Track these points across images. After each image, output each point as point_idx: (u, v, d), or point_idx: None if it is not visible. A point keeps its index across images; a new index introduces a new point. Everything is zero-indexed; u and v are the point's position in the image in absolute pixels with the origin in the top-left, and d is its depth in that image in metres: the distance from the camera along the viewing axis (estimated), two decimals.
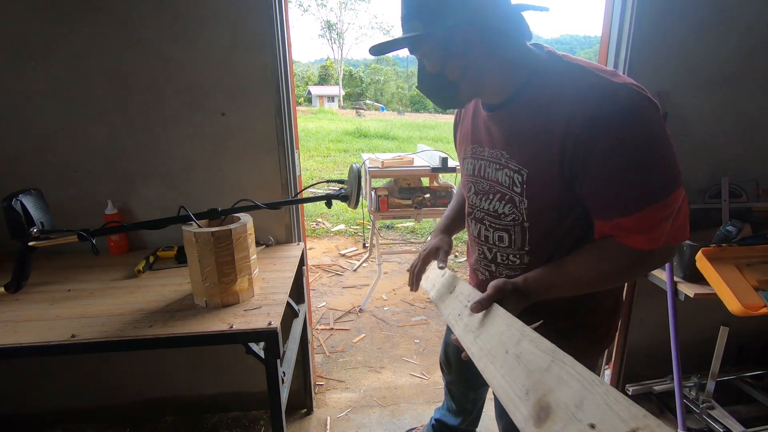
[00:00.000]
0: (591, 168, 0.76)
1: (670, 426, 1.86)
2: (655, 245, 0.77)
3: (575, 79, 0.79)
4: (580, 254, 0.84)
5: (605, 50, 1.83)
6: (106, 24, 1.55)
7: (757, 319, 1.46)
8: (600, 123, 0.73)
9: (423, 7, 0.80)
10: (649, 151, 0.73)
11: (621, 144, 0.72)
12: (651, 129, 0.73)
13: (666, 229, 0.76)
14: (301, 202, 1.39)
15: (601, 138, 0.73)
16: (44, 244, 1.20)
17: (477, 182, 1.00)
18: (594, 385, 0.49)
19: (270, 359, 1.21)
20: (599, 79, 0.77)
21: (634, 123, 0.72)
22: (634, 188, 0.74)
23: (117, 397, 1.95)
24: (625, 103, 0.73)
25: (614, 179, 0.75)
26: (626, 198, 0.74)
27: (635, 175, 0.73)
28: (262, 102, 1.66)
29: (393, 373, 2.33)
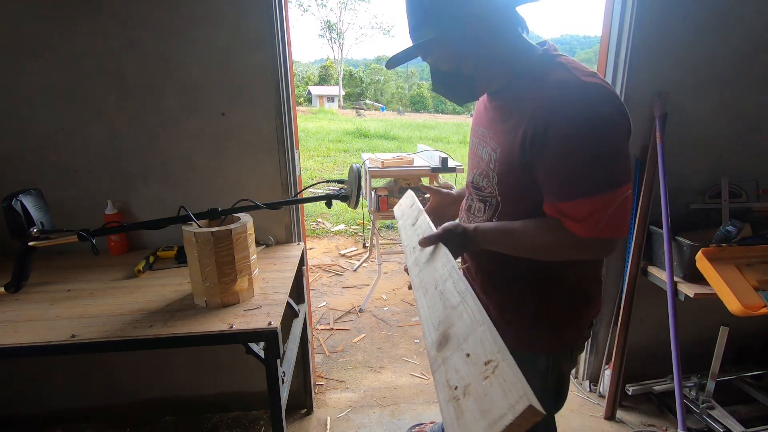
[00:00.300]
0: (545, 155, 0.84)
1: (671, 426, 1.87)
2: (589, 234, 0.83)
3: (551, 75, 0.87)
4: (529, 222, 0.91)
5: (605, 50, 1.83)
6: (106, 24, 1.55)
7: (757, 319, 1.46)
8: (558, 116, 0.81)
9: (433, 13, 0.87)
10: (596, 149, 0.80)
11: (573, 138, 0.80)
12: (604, 129, 0.80)
13: (600, 222, 0.82)
14: (301, 202, 1.39)
15: (556, 129, 0.81)
16: (44, 244, 1.20)
17: (472, 158, 1.10)
18: (478, 324, 0.60)
19: (270, 359, 1.20)
20: (571, 77, 0.84)
21: (588, 121, 0.80)
22: (577, 179, 0.81)
23: (117, 397, 1.95)
24: (586, 101, 0.81)
25: (561, 168, 0.82)
26: (569, 186, 0.82)
27: (580, 168, 0.81)
28: (262, 102, 1.66)
29: (393, 373, 2.33)
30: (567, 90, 0.83)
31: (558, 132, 0.81)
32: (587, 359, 2.12)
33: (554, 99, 0.83)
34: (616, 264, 1.97)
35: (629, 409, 1.99)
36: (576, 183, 0.81)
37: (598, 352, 2.09)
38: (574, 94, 0.82)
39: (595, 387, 2.10)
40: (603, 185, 0.80)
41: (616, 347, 1.90)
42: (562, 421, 1.93)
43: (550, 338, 1.04)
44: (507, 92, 0.95)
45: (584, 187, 0.81)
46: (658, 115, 1.74)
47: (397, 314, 3.00)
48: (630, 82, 1.75)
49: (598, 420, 1.94)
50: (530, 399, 0.41)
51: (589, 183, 0.81)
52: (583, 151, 0.80)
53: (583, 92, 0.82)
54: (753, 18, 1.72)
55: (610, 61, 1.80)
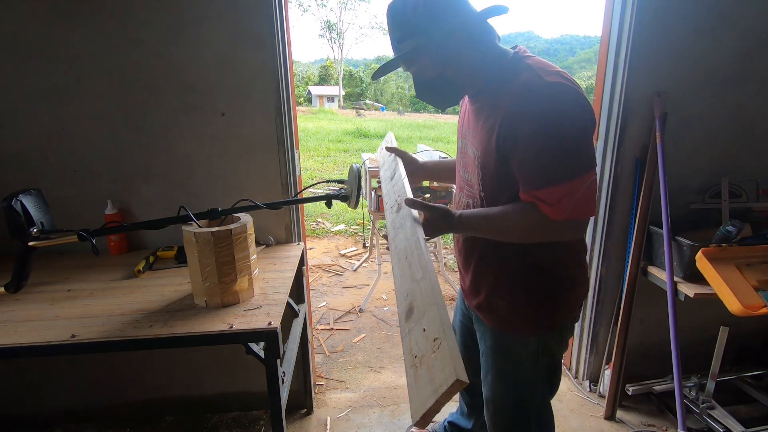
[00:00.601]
0: (517, 151, 0.94)
1: (671, 426, 1.87)
2: (560, 216, 0.93)
3: (519, 77, 0.96)
4: (507, 207, 1.00)
5: (605, 50, 1.83)
6: (106, 24, 1.55)
7: (757, 319, 1.46)
8: (525, 116, 0.92)
9: (417, 27, 0.98)
10: (561, 142, 0.90)
11: (538, 134, 0.91)
12: (566, 124, 0.90)
13: (568, 205, 0.92)
14: (301, 202, 1.39)
15: (524, 128, 0.92)
16: (44, 244, 1.20)
17: (461, 157, 1.18)
18: (431, 304, 0.68)
19: (270, 359, 1.20)
20: (536, 78, 0.94)
21: (551, 119, 0.90)
22: (547, 170, 0.92)
23: (117, 397, 1.95)
24: (549, 101, 0.91)
25: (531, 161, 0.93)
26: (539, 176, 0.93)
27: (548, 160, 0.91)
28: (262, 102, 1.66)
29: (393, 373, 2.33)
30: (532, 91, 0.93)
31: (526, 130, 0.92)
32: (587, 359, 2.12)
33: (521, 100, 0.94)
34: (616, 264, 1.97)
35: (629, 409, 1.99)
36: (547, 173, 0.92)
37: (598, 352, 2.09)
38: (539, 94, 0.92)
39: (595, 387, 2.10)
40: (570, 173, 0.91)
41: (616, 347, 1.90)
42: (562, 421, 1.93)
43: (538, 322, 1.11)
44: (483, 95, 1.04)
45: (554, 176, 0.91)
46: (658, 115, 1.74)
47: (397, 314, 3.00)
48: (630, 82, 1.75)
49: (598, 420, 1.94)
50: (458, 374, 0.53)
51: (558, 172, 0.91)
52: (549, 145, 0.91)
53: (546, 92, 0.92)
54: (753, 18, 1.72)
55: (610, 61, 1.80)
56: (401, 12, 1.00)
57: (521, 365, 1.16)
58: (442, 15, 0.97)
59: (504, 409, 1.23)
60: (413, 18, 0.98)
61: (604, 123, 1.88)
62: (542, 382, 1.19)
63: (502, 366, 1.19)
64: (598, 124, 1.91)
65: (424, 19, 0.98)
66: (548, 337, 1.13)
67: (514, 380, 1.19)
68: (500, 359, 1.19)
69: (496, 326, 1.16)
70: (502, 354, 1.18)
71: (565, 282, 1.10)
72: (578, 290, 1.13)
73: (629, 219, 1.91)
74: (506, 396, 1.21)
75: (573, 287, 1.11)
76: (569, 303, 1.12)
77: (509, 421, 1.24)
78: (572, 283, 1.11)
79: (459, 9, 0.99)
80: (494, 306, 1.14)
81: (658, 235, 1.77)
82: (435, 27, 0.98)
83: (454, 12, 0.98)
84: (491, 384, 1.22)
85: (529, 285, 1.09)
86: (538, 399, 1.22)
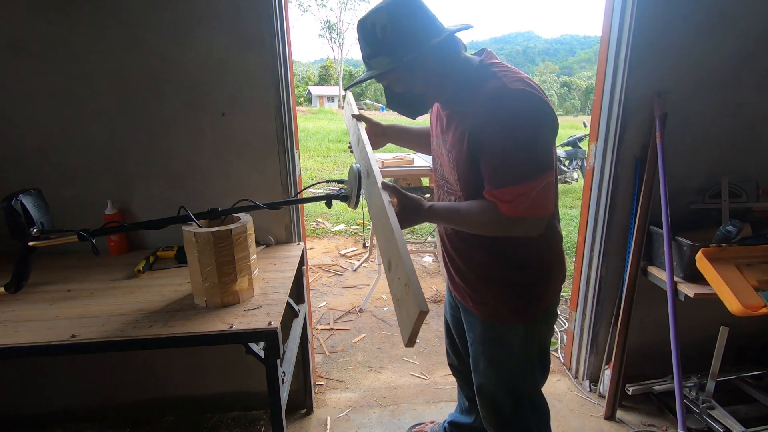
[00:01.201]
0: (483, 153, 1.01)
1: (671, 426, 1.87)
2: (515, 213, 0.99)
3: (485, 85, 1.02)
4: (473, 203, 1.07)
5: (605, 50, 1.83)
6: (106, 24, 1.55)
7: (757, 319, 1.46)
8: (490, 121, 0.99)
9: (386, 43, 1.02)
10: (519, 146, 0.97)
11: (500, 138, 0.97)
12: (527, 128, 0.97)
13: (523, 204, 0.98)
14: (301, 202, 1.39)
15: (488, 133, 0.99)
16: (44, 244, 1.20)
17: (438, 157, 1.24)
18: (400, 259, 0.82)
19: (270, 359, 1.20)
20: (500, 85, 1.00)
21: (512, 124, 0.97)
22: (506, 170, 0.98)
23: (117, 397, 1.95)
24: (511, 107, 0.97)
25: (493, 163, 1.00)
26: (498, 177, 0.99)
27: (507, 162, 0.98)
28: (262, 102, 1.66)
29: (393, 373, 2.33)
30: (497, 98, 1.00)
31: (490, 134, 0.98)
32: (587, 359, 2.12)
33: (487, 107, 1.00)
34: (616, 264, 1.97)
35: (629, 409, 1.99)
36: (505, 173, 0.98)
37: (598, 352, 2.09)
38: (503, 100, 0.99)
39: (595, 387, 2.10)
40: (527, 174, 0.97)
41: (616, 347, 1.90)
42: (562, 421, 1.93)
43: (524, 311, 1.18)
44: (453, 103, 1.11)
45: (512, 177, 0.97)
46: (658, 115, 1.74)
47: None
48: (630, 82, 1.75)
49: (598, 420, 1.94)
50: (420, 308, 0.72)
51: (515, 173, 0.97)
52: (509, 148, 0.97)
53: (509, 99, 0.98)
54: (753, 18, 1.72)
55: (610, 61, 1.80)
56: (370, 32, 1.04)
57: (512, 351, 1.22)
58: (411, 40, 1.01)
59: (497, 396, 1.28)
60: (383, 39, 1.02)
61: (604, 123, 1.88)
62: (533, 368, 1.25)
63: (493, 353, 1.24)
64: (598, 123, 1.91)
65: (393, 43, 1.02)
66: (534, 323, 1.20)
67: (506, 366, 1.24)
68: (490, 347, 1.24)
69: (484, 316, 1.22)
70: (492, 342, 1.24)
71: (546, 272, 1.18)
72: (558, 277, 1.21)
73: (629, 219, 1.91)
74: (499, 382, 1.26)
75: (553, 275, 1.19)
76: (550, 290, 1.20)
77: (504, 407, 1.28)
78: (552, 271, 1.19)
79: (427, 32, 1.02)
80: (481, 299, 1.20)
81: (658, 235, 1.77)
82: (403, 52, 1.01)
83: (423, 36, 1.02)
84: (483, 371, 1.27)
85: (512, 277, 1.16)
86: (530, 384, 1.27)
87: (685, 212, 1.88)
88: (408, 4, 1.02)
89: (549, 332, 1.26)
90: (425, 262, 3.93)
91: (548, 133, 0.99)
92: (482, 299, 1.20)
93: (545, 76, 65.92)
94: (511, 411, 1.27)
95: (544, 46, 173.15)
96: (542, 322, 1.22)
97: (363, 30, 1.06)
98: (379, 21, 1.02)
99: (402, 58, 1.02)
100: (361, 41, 1.07)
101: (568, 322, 2.27)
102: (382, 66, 1.04)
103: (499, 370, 1.24)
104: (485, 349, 1.25)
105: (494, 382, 1.26)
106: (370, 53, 1.06)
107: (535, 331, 1.21)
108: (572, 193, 6.96)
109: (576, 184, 7.13)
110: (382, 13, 1.01)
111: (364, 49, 1.07)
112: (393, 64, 1.03)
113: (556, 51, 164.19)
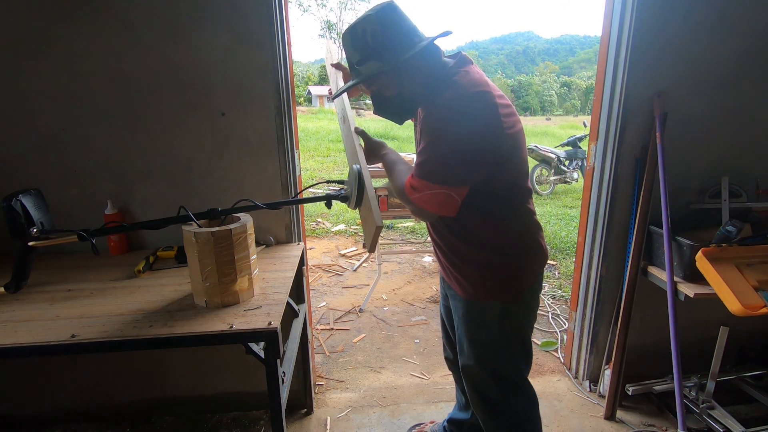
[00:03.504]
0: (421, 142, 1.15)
1: (671, 426, 1.87)
2: (413, 198, 1.13)
3: (445, 90, 1.11)
4: (403, 169, 1.23)
5: (605, 50, 1.83)
6: (106, 24, 1.55)
7: (757, 319, 1.46)
8: (429, 123, 1.12)
9: (379, 51, 1.10)
10: (439, 153, 1.08)
11: (431, 140, 1.10)
12: (454, 142, 1.07)
13: (423, 197, 1.11)
14: (301, 202, 1.39)
15: (425, 131, 1.13)
16: (44, 244, 1.20)
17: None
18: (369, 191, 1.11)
19: (270, 359, 1.20)
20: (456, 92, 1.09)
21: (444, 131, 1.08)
22: (422, 164, 1.10)
23: (117, 397, 1.95)
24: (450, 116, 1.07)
25: (421, 152, 1.13)
26: (417, 164, 1.12)
27: (427, 158, 1.10)
28: (262, 102, 1.66)
29: (393, 373, 2.33)
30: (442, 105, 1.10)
31: (427, 132, 1.11)
32: (587, 359, 2.12)
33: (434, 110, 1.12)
34: (616, 264, 1.97)
35: (629, 409, 1.99)
36: (421, 165, 1.11)
37: (598, 352, 2.09)
38: (444, 110, 1.09)
39: (595, 387, 2.10)
40: (432, 177, 1.08)
41: (616, 347, 1.90)
42: (562, 421, 1.93)
43: (499, 290, 1.26)
44: (426, 105, 1.18)
45: (424, 171, 1.10)
46: (658, 114, 1.74)
47: (397, 314, 3.00)
48: (630, 81, 1.75)
49: (598, 420, 1.94)
50: (377, 223, 1.00)
51: (427, 170, 1.10)
52: (435, 149, 1.09)
53: (452, 111, 1.08)
54: (753, 18, 1.72)
55: (610, 61, 1.80)
56: (361, 38, 1.11)
57: (490, 329, 1.28)
58: (400, 44, 1.10)
59: (480, 376, 1.34)
60: (373, 45, 1.10)
61: (604, 123, 1.88)
62: (512, 349, 1.31)
63: (473, 332, 1.31)
64: (598, 123, 1.91)
65: (383, 48, 1.10)
66: (510, 303, 1.27)
67: (485, 344, 1.31)
68: (471, 326, 1.31)
69: (467, 296, 1.29)
70: (473, 321, 1.30)
71: (522, 257, 1.26)
72: (533, 263, 1.28)
73: (629, 219, 1.91)
74: (480, 362, 1.32)
75: (528, 260, 1.27)
76: (526, 273, 1.27)
77: (489, 391, 1.34)
78: (528, 257, 1.27)
79: (412, 38, 1.12)
80: (464, 278, 1.28)
81: (658, 235, 1.77)
82: (391, 55, 1.10)
83: (410, 42, 1.11)
84: (465, 351, 1.34)
85: (492, 261, 1.24)
86: (510, 367, 1.33)
87: (685, 212, 1.88)
88: (394, 13, 1.10)
89: (528, 316, 1.32)
90: (425, 262, 3.93)
91: (478, 152, 1.08)
92: (465, 278, 1.28)
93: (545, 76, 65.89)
94: (496, 395, 1.33)
95: (544, 46, 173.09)
96: (519, 303, 1.28)
97: (353, 37, 1.12)
98: (369, 27, 1.09)
99: (392, 61, 1.10)
100: (350, 49, 1.15)
101: (568, 322, 2.27)
102: (373, 70, 1.12)
103: (479, 349, 1.31)
104: (466, 329, 1.32)
105: (476, 361, 1.32)
106: (361, 60, 1.13)
107: (512, 311, 1.27)
108: (572, 193, 6.97)
109: (576, 184, 7.14)
110: (371, 20, 1.09)
111: (354, 56, 1.15)
112: (385, 67, 1.10)
113: (556, 51, 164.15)
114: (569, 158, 7.09)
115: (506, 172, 1.16)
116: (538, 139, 12.94)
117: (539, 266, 1.30)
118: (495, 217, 1.20)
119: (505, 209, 1.21)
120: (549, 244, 4.29)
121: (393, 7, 1.11)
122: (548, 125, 20.98)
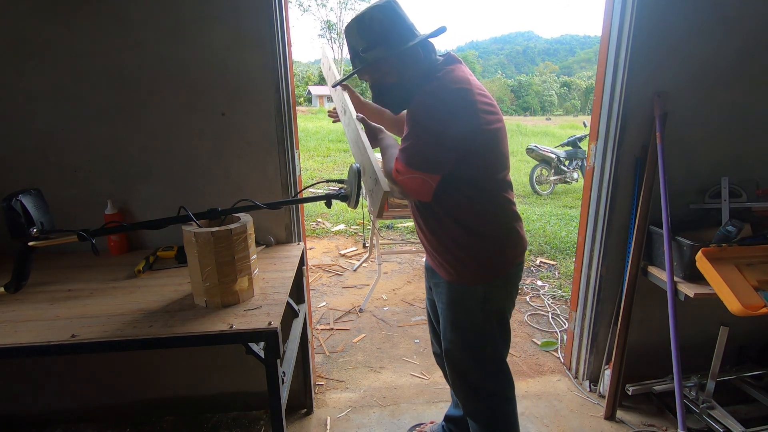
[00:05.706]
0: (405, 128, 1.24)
1: (671, 426, 1.87)
2: (398, 179, 1.21)
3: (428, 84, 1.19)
4: (395, 153, 1.27)
5: (605, 50, 1.83)
6: (106, 24, 1.55)
7: (757, 319, 1.46)
8: (411, 112, 1.20)
9: (382, 37, 1.20)
10: (420, 141, 1.17)
11: (411, 128, 1.19)
12: (431, 131, 1.15)
13: (404, 180, 1.19)
14: (301, 202, 1.39)
15: (407, 121, 1.21)
16: (44, 244, 1.20)
17: None
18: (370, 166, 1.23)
19: (270, 359, 1.20)
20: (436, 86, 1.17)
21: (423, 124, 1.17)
22: (404, 149, 1.19)
23: (117, 397, 1.95)
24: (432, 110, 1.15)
25: (405, 137, 1.21)
26: (401, 148, 1.21)
27: (409, 144, 1.18)
28: (262, 102, 1.66)
29: (393, 373, 2.33)
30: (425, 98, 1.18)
31: (411, 119, 1.20)
32: (587, 359, 2.12)
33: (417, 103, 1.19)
34: (616, 264, 1.97)
35: (629, 409, 1.99)
36: (403, 150, 1.19)
37: (598, 352, 2.09)
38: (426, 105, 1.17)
39: (595, 387, 2.10)
40: (412, 162, 1.17)
41: (616, 347, 1.90)
42: (562, 421, 1.93)
43: (482, 273, 1.32)
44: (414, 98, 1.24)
45: (405, 156, 1.19)
46: (658, 115, 1.74)
47: (397, 314, 3.00)
48: (630, 82, 1.75)
49: (598, 420, 1.94)
50: (384, 188, 1.12)
51: (407, 155, 1.18)
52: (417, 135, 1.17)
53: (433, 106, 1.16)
54: (753, 18, 1.72)
55: (610, 61, 1.80)
56: (368, 26, 1.21)
57: (471, 313, 1.34)
58: (400, 33, 1.21)
59: (460, 360, 1.39)
60: (380, 32, 1.20)
61: (604, 123, 1.88)
62: (492, 331, 1.36)
63: (456, 316, 1.36)
64: (598, 123, 1.91)
65: (389, 35, 1.20)
66: (491, 286, 1.33)
67: (468, 329, 1.36)
68: (454, 310, 1.36)
69: (451, 279, 1.35)
70: (456, 305, 1.36)
71: (501, 243, 1.32)
72: (512, 249, 1.34)
73: (629, 219, 1.91)
74: (461, 344, 1.37)
75: (508, 246, 1.33)
76: (506, 258, 1.33)
77: (466, 370, 1.40)
78: (507, 242, 1.33)
79: (411, 31, 1.23)
80: (447, 263, 1.34)
81: (658, 235, 1.77)
82: (396, 42, 1.20)
83: (408, 33, 1.22)
84: (447, 335, 1.39)
85: (471, 245, 1.30)
86: (489, 347, 1.38)
87: (685, 212, 1.88)
88: (397, 7, 1.22)
89: (507, 300, 1.39)
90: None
91: (453, 144, 1.16)
92: (447, 262, 1.33)
93: (545, 76, 65.87)
94: (475, 376, 1.40)
95: (544, 46, 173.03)
96: (500, 286, 1.35)
97: (360, 25, 1.22)
98: (376, 16, 1.20)
99: (396, 47, 1.20)
100: (356, 37, 1.23)
101: (568, 322, 2.27)
102: (379, 54, 1.21)
103: (462, 333, 1.36)
104: (450, 313, 1.37)
105: (458, 345, 1.38)
106: (366, 47, 1.22)
107: (493, 294, 1.33)
108: (572, 193, 6.97)
109: (576, 184, 7.14)
110: (377, 11, 1.20)
111: (359, 44, 1.23)
112: (390, 51, 1.20)
113: (556, 51, 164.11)
114: (569, 158, 7.09)
115: (483, 164, 1.23)
116: (538, 139, 12.94)
117: (519, 253, 1.36)
118: (472, 201, 1.26)
119: (483, 194, 1.27)
120: (549, 244, 4.29)
121: (395, 2, 1.22)
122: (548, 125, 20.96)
